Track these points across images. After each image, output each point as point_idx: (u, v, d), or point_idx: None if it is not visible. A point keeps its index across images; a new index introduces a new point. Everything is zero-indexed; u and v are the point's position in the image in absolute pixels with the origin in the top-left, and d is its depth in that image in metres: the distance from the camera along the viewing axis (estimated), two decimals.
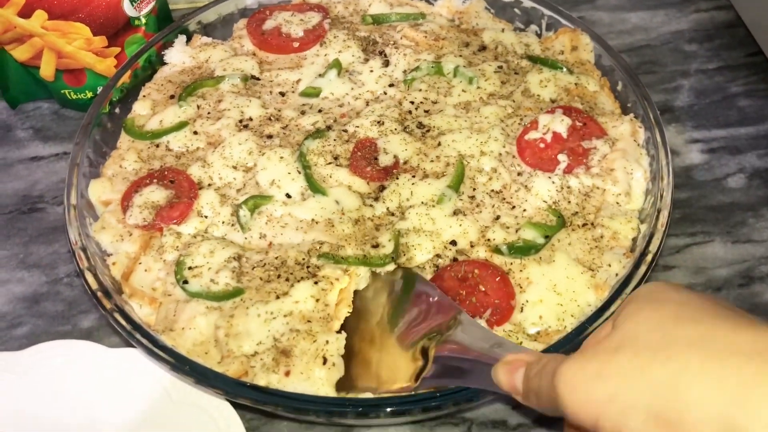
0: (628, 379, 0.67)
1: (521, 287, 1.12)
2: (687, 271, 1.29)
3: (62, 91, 1.48)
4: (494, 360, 0.85)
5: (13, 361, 1.12)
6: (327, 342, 1.03)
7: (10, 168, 1.46)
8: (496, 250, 1.15)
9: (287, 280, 1.11)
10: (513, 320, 1.09)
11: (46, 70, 1.45)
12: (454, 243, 1.17)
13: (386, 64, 1.43)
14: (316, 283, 1.10)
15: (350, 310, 1.09)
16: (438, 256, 1.15)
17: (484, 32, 1.49)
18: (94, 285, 1.11)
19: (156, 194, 1.23)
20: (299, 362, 1.02)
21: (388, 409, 0.98)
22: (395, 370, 1.02)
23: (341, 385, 1.02)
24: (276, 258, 1.14)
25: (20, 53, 1.43)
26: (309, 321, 1.07)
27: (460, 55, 1.43)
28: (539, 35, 1.49)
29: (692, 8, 1.72)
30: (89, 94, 1.49)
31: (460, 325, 0.97)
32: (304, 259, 1.13)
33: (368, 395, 1.02)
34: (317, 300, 1.08)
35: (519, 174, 1.25)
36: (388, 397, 1.00)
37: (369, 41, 1.47)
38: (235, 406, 1.07)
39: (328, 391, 1.00)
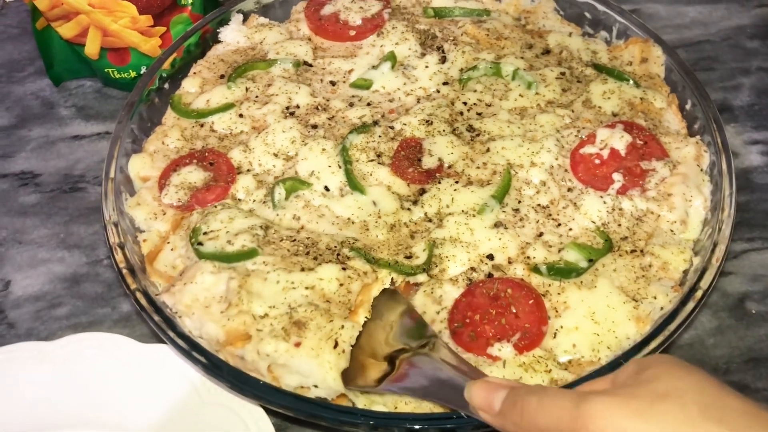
0: (672, 426, 0.69)
1: (557, 311, 1.06)
2: (744, 278, 1.22)
3: (106, 70, 1.48)
4: (464, 380, 0.89)
5: (45, 351, 1.12)
6: (342, 327, 1.00)
7: (52, 146, 1.46)
8: (535, 269, 1.09)
9: (315, 258, 1.08)
10: (544, 345, 1.04)
11: (91, 48, 1.44)
12: (491, 257, 1.11)
13: (443, 60, 1.37)
14: (344, 269, 1.06)
15: (369, 315, 1.05)
16: (473, 269, 1.10)
17: (549, 35, 1.41)
18: (121, 262, 1.10)
19: (194, 175, 1.22)
20: (312, 337, 0.98)
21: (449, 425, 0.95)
22: (364, 370, 1.01)
23: (344, 377, 0.99)
24: (307, 238, 1.12)
25: (66, 30, 1.43)
26: (328, 301, 1.03)
27: (522, 57, 1.36)
28: (608, 43, 1.41)
29: (755, 2, 1.62)
30: (132, 74, 1.48)
31: (435, 347, 1.00)
32: (336, 246, 1.10)
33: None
34: (341, 284, 1.05)
35: (569, 190, 1.19)
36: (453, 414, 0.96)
37: (428, 35, 1.42)
38: (266, 408, 1.04)
39: (334, 376, 0.97)
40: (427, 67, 1.36)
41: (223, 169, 1.22)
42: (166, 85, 1.35)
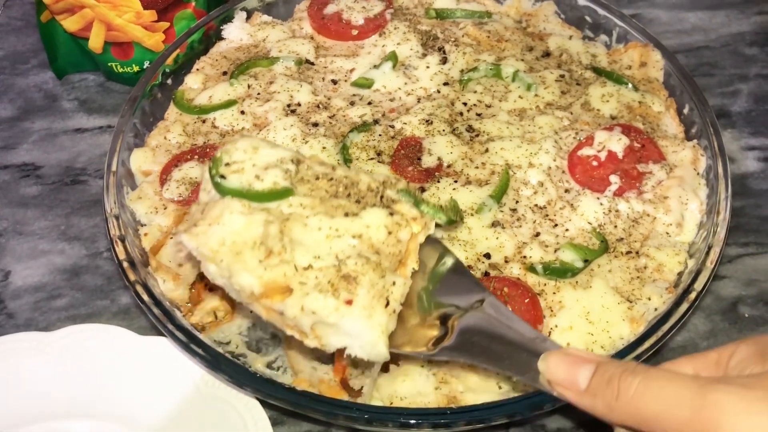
0: None
1: (552, 310, 1.07)
2: (738, 282, 1.23)
3: (109, 64, 1.49)
4: (538, 350, 0.81)
5: (44, 342, 1.13)
6: (394, 284, 0.91)
7: (54, 138, 1.47)
8: (531, 268, 1.10)
9: (358, 202, 0.96)
10: None
11: (95, 41, 1.45)
12: (488, 256, 1.12)
13: (444, 61, 1.38)
14: (391, 214, 0.94)
15: (417, 266, 0.95)
16: (470, 267, 1.11)
17: (550, 38, 1.43)
18: (122, 255, 1.11)
19: (195, 171, 1.23)
20: (365, 296, 0.88)
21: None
22: (412, 333, 0.94)
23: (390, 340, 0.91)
24: (345, 177, 0.98)
25: (70, 24, 1.44)
26: (378, 252, 0.92)
27: (522, 60, 1.37)
28: (608, 46, 1.42)
29: (755, 10, 1.64)
30: (135, 68, 1.49)
31: (491, 306, 0.92)
32: (377, 187, 0.98)
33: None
34: (389, 233, 0.94)
35: (566, 191, 1.20)
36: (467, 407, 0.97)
37: (429, 36, 1.43)
38: (263, 402, 1.05)
39: (384, 341, 0.89)
40: (428, 67, 1.37)
41: None
42: (169, 81, 1.36)
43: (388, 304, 0.90)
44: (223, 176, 0.94)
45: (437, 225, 1.00)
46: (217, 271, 0.91)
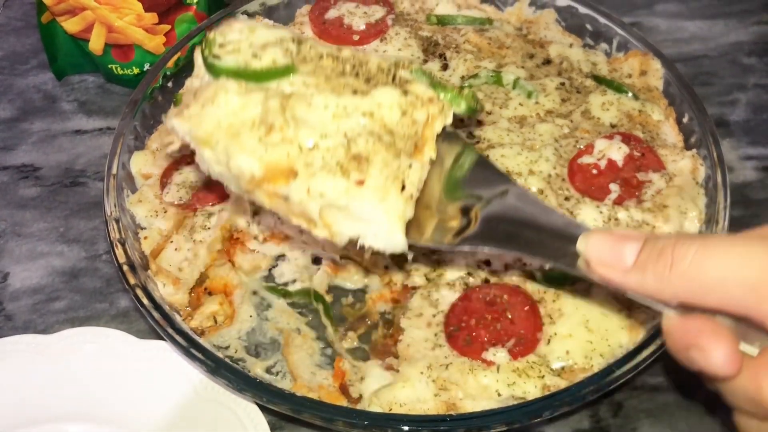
0: None
1: (551, 318, 1.07)
2: None
3: (109, 66, 1.49)
4: (574, 233, 0.76)
5: (43, 344, 1.12)
6: (410, 167, 0.84)
7: (53, 140, 1.47)
8: (531, 276, 1.11)
9: (367, 81, 0.89)
10: (538, 352, 1.05)
11: (96, 43, 1.45)
12: (488, 263, 1.13)
13: (445, 67, 1.39)
14: (405, 93, 0.88)
15: (434, 155, 0.87)
16: (469, 274, 1.12)
17: (551, 45, 1.43)
18: (122, 258, 1.11)
19: (196, 174, 1.23)
20: (378, 176, 0.82)
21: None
22: (431, 227, 0.89)
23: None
24: (353, 56, 0.91)
25: (71, 25, 1.43)
26: (391, 133, 0.86)
27: (523, 67, 1.37)
28: (608, 55, 1.43)
29: (753, 20, 1.64)
30: (136, 71, 1.49)
31: (517, 195, 0.86)
32: (389, 68, 0.91)
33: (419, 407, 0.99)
34: (404, 113, 0.87)
35: (566, 199, 1.20)
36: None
37: (430, 42, 1.43)
38: (263, 407, 1.04)
39: (400, 226, 0.83)
40: None
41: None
42: (170, 84, 1.36)
43: (404, 188, 0.83)
44: (217, 56, 0.87)
45: (455, 115, 0.91)
46: (213, 156, 0.85)
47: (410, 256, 0.86)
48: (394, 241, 0.83)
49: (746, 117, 1.48)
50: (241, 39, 0.89)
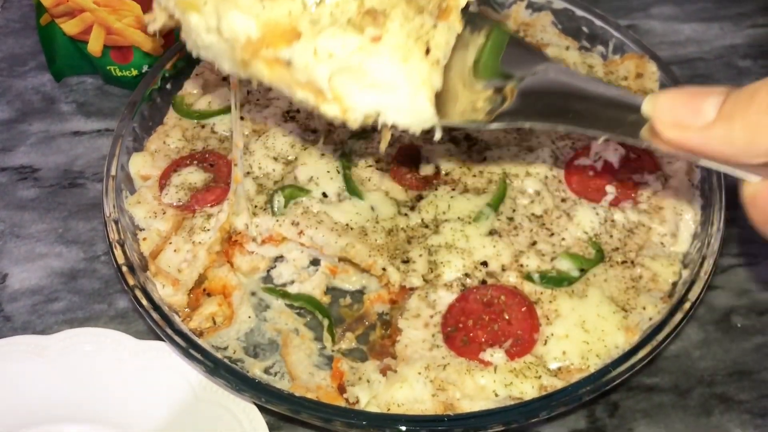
0: None
1: (548, 319, 1.08)
2: (731, 293, 1.24)
3: (108, 67, 1.49)
4: (631, 100, 0.67)
5: (42, 345, 1.13)
6: (435, 27, 0.74)
7: (51, 141, 1.47)
8: (528, 277, 1.12)
9: None
10: (535, 352, 1.06)
11: (94, 45, 1.45)
12: (485, 264, 1.13)
13: None
14: None
15: (460, 28, 0.77)
16: (467, 275, 1.12)
17: (547, 48, 1.44)
18: (121, 259, 1.11)
19: (194, 176, 1.23)
20: (397, 31, 0.71)
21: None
22: (461, 103, 0.79)
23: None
24: None
25: (70, 27, 1.44)
26: None
27: None
28: (604, 57, 1.44)
29: (748, 23, 1.66)
30: (134, 72, 1.49)
31: (557, 69, 0.77)
32: None
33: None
34: None
35: (563, 200, 1.21)
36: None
37: None
38: (261, 407, 1.05)
39: (427, 94, 0.72)
40: None
41: (223, 171, 1.24)
42: (169, 86, 1.36)
43: (428, 52, 0.72)
44: None
45: None
46: (201, 22, 0.75)
47: (438, 135, 0.75)
48: (420, 112, 0.73)
49: None
50: None
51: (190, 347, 1.03)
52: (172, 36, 1.46)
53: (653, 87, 1.36)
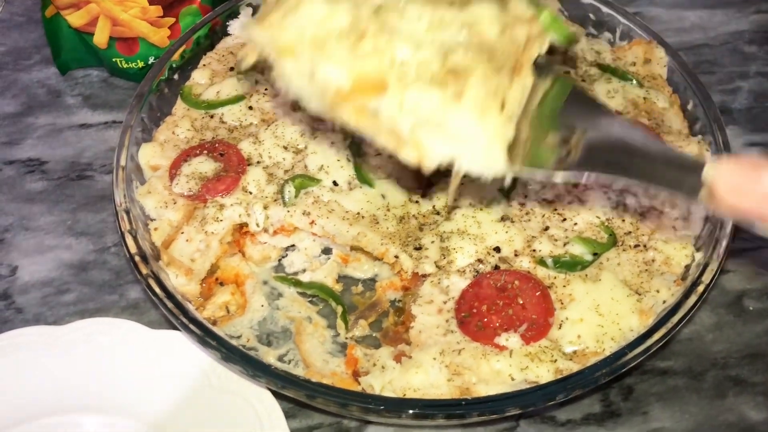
0: None
1: (562, 303, 1.08)
2: (742, 276, 1.25)
3: (114, 60, 1.48)
4: (692, 162, 0.73)
5: (54, 335, 1.12)
6: (511, 84, 0.79)
7: (59, 134, 1.46)
8: (541, 262, 1.12)
9: None
10: (550, 336, 1.06)
11: (100, 37, 1.45)
12: (498, 250, 1.13)
13: None
14: (504, 9, 0.83)
15: (531, 81, 0.81)
16: (480, 261, 1.12)
17: None
18: (133, 249, 1.11)
19: (204, 165, 1.23)
20: (477, 90, 0.77)
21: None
22: (529, 153, 0.83)
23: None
24: None
25: (75, 19, 1.43)
26: (491, 50, 0.80)
27: None
28: (612, 44, 1.44)
29: (753, 9, 1.66)
30: (140, 64, 1.48)
31: (621, 125, 0.82)
32: None
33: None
34: (503, 30, 0.81)
35: (574, 186, 1.21)
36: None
37: None
38: (276, 394, 1.05)
39: (500, 146, 0.77)
40: None
41: (233, 160, 1.24)
42: (176, 76, 1.36)
43: (503, 107, 0.78)
44: None
45: (551, 47, 0.86)
46: (295, 68, 0.80)
47: (509, 180, 0.82)
48: (493, 163, 0.78)
49: (749, 104, 1.49)
50: None
51: (205, 335, 1.03)
52: (178, 27, 1.46)
53: (661, 72, 1.37)
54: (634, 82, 1.34)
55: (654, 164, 0.77)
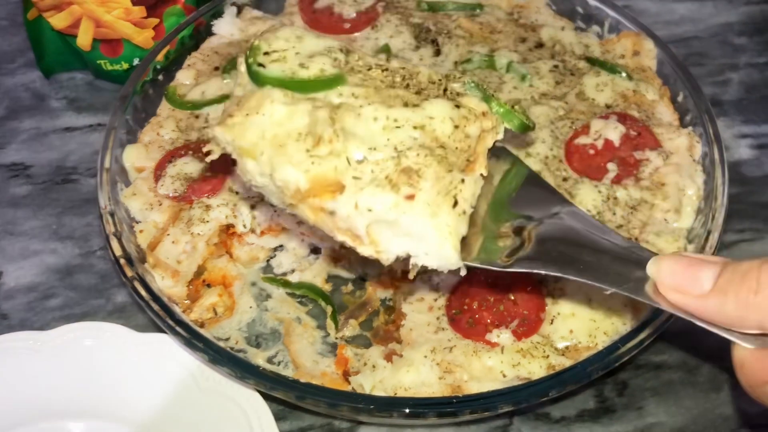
0: None
1: (554, 298, 1.07)
2: None
3: (98, 62, 1.47)
4: (639, 257, 0.74)
5: (41, 340, 1.11)
6: (463, 181, 0.81)
7: (43, 138, 1.45)
8: None
9: (418, 93, 0.87)
10: (541, 332, 1.04)
11: (83, 39, 1.43)
12: None
13: (437, 53, 1.38)
14: (457, 107, 0.85)
15: (485, 172, 0.84)
16: None
17: (542, 29, 1.43)
18: (118, 251, 1.09)
19: (190, 166, 1.21)
20: (429, 190, 0.79)
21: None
22: (483, 245, 0.85)
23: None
24: (402, 68, 0.90)
25: (58, 21, 1.41)
26: (443, 147, 0.82)
27: (515, 51, 1.37)
28: (600, 37, 1.42)
29: (742, 0, 1.66)
30: (125, 66, 1.47)
31: (572, 215, 0.85)
32: (440, 80, 0.89)
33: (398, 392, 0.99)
34: (456, 127, 0.84)
35: (564, 179, 1.19)
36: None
37: (422, 28, 1.42)
38: (265, 396, 1.03)
39: (453, 243, 0.79)
40: (421, 59, 1.37)
41: (219, 160, 1.21)
42: (160, 77, 1.34)
43: (456, 204, 0.80)
44: (262, 65, 0.85)
45: (506, 131, 0.89)
46: (256, 168, 0.83)
47: (463, 272, 0.83)
48: (447, 258, 0.80)
49: (739, 96, 1.49)
50: (287, 47, 0.87)
51: (192, 337, 1.01)
52: (162, 27, 1.45)
53: (651, 64, 1.35)
54: (624, 74, 1.32)
55: (602, 259, 0.79)
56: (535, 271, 0.83)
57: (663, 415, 1.09)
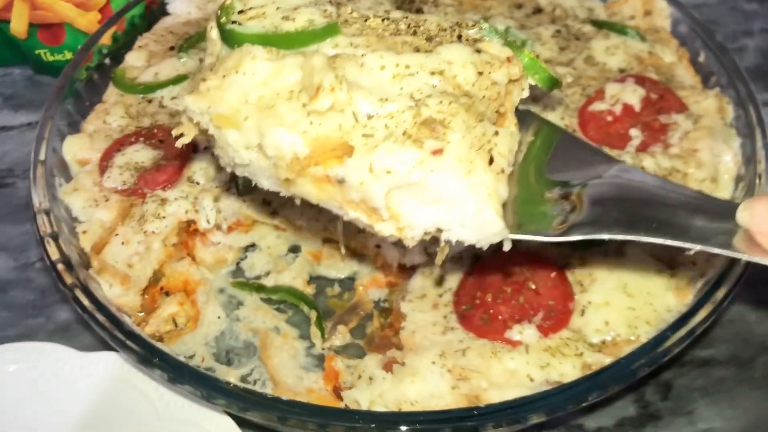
0: None
1: (582, 285, 0.91)
2: None
3: (37, 52, 1.30)
4: (720, 207, 0.66)
5: None
6: (497, 134, 0.68)
7: None
8: None
9: (429, 39, 0.75)
10: (571, 325, 0.88)
11: (18, 24, 1.26)
12: None
13: None
14: (477, 51, 0.73)
15: (516, 129, 0.72)
16: None
17: None
18: (55, 255, 0.91)
19: (141, 154, 1.04)
20: (460, 142, 0.66)
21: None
22: (528, 213, 0.74)
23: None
24: (405, 17, 0.78)
25: None
26: (468, 96, 0.70)
27: (511, 17, 1.22)
28: (604, 0, 1.28)
29: None
30: (68, 55, 1.30)
31: (625, 171, 0.76)
32: (452, 27, 0.77)
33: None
34: (480, 73, 0.71)
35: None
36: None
37: None
38: (239, 421, 0.86)
39: (494, 207, 0.66)
40: None
41: (175, 147, 1.04)
42: (107, 61, 1.18)
43: (492, 161, 0.67)
44: (237, 23, 0.72)
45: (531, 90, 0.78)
46: (240, 139, 0.69)
47: (507, 246, 0.70)
48: (489, 227, 0.66)
49: (757, 62, 1.38)
50: (265, 3, 0.75)
51: (146, 352, 0.82)
52: (109, 9, 1.27)
53: (665, 24, 1.22)
54: (636, 35, 1.17)
55: (676, 213, 0.69)
56: (597, 236, 0.71)
57: (717, 420, 0.93)
